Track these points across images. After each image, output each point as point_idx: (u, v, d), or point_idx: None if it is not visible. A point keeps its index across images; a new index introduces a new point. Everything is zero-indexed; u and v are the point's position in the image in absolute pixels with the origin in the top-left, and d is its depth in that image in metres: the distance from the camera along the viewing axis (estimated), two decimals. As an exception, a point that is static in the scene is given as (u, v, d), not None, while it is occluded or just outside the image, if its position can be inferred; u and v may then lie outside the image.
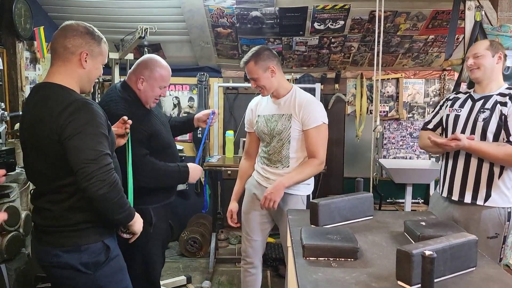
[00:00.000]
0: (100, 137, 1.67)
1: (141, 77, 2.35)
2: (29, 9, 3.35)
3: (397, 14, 3.84)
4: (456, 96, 2.55)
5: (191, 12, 3.82)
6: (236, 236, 4.55)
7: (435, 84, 4.66)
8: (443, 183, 2.48)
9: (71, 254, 1.74)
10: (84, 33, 1.76)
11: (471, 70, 2.38)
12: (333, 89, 4.64)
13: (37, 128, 1.69)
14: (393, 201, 4.71)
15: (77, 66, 1.76)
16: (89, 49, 1.77)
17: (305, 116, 2.52)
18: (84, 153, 1.62)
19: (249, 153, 2.83)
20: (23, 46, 3.36)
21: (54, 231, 1.74)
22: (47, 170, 1.72)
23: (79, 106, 1.66)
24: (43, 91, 1.75)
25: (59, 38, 1.75)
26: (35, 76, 3.55)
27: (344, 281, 1.41)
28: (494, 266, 1.57)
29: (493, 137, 2.29)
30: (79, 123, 1.63)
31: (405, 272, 1.35)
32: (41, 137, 1.68)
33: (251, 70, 2.52)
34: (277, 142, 2.58)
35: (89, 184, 1.61)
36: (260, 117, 2.67)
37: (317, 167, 2.54)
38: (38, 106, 1.71)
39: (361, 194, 2.06)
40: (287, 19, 3.84)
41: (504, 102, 2.29)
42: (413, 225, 1.78)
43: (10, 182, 2.83)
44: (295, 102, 2.56)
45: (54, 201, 1.73)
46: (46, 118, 1.66)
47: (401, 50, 4.36)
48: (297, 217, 2.06)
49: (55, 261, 1.74)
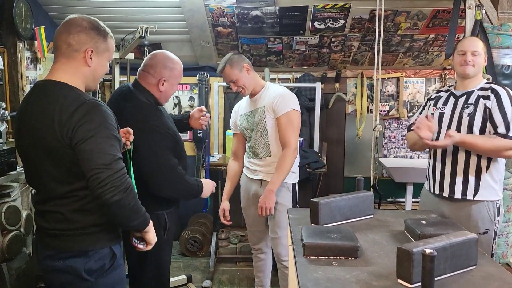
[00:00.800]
0: (113, 140, 1.58)
1: (162, 78, 2.26)
2: (29, 8, 3.35)
3: (398, 13, 3.84)
4: (437, 95, 2.59)
5: (191, 11, 3.82)
6: (237, 236, 4.56)
7: (436, 83, 4.65)
8: (433, 180, 2.51)
9: (78, 258, 1.65)
10: (88, 28, 1.66)
11: (466, 65, 2.38)
12: (334, 88, 4.64)
13: (45, 130, 1.58)
14: (394, 200, 4.71)
15: (82, 64, 1.65)
16: (94, 46, 1.66)
17: (275, 104, 2.69)
18: (97, 157, 1.53)
19: (236, 154, 3.03)
20: (24, 46, 3.36)
21: (61, 234, 1.65)
22: (56, 174, 1.61)
23: (90, 107, 1.56)
24: (48, 90, 1.63)
25: (62, 34, 1.65)
26: (36, 76, 3.55)
27: (344, 280, 1.41)
28: (494, 265, 1.57)
29: (479, 131, 2.32)
30: (92, 126, 1.54)
31: (405, 271, 1.36)
32: (50, 140, 1.57)
33: (229, 74, 2.70)
34: (256, 133, 2.79)
35: (104, 190, 1.52)
36: (242, 116, 2.90)
37: (292, 155, 2.68)
38: (44, 106, 1.60)
39: (362, 193, 2.07)
40: (287, 18, 3.84)
41: (486, 96, 2.34)
42: (413, 224, 1.78)
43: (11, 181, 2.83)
44: (267, 94, 2.76)
45: (61, 204, 1.63)
46: (56, 120, 1.55)
47: (402, 49, 4.36)
48: (297, 216, 2.06)
49: (60, 265, 1.65)
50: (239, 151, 3.01)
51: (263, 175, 2.80)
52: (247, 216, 3.00)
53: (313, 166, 3.74)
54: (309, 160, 3.73)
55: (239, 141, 3.00)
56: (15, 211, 2.76)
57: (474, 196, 2.35)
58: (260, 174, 2.82)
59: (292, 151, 2.67)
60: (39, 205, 1.71)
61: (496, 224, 2.35)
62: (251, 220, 2.97)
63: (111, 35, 1.75)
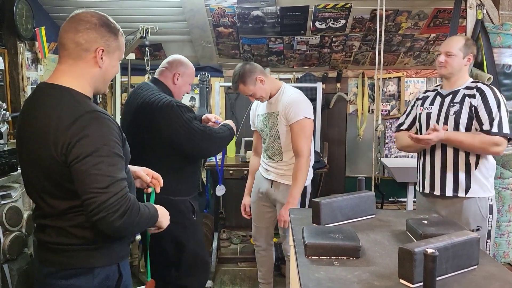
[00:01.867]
0: (113, 159, 1.38)
1: (177, 72, 2.48)
2: (30, 9, 3.35)
3: (399, 13, 3.84)
4: (425, 95, 2.62)
5: (192, 11, 3.81)
6: (239, 236, 4.55)
7: (437, 83, 4.64)
8: (422, 180, 2.52)
9: (81, 277, 1.47)
10: (98, 25, 1.47)
11: (439, 67, 2.46)
12: (335, 88, 4.64)
13: (39, 143, 1.40)
14: (395, 200, 4.71)
15: (92, 65, 1.47)
16: (105, 45, 1.48)
17: (288, 111, 2.67)
18: (93, 180, 1.33)
19: (256, 150, 3.08)
20: (25, 47, 3.36)
21: (62, 249, 1.46)
22: (53, 191, 1.44)
23: (89, 120, 1.37)
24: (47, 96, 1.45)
25: (69, 32, 1.46)
26: (37, 77, 3.55)
27: (346, 280, 1.41)
28: (496, 264, 1.57)
29: (465, 129, 2.35)
30: (89, 143, 1.35)
31: (407, 271, 1.35)
32: (43, 155, 1.40)
33: (244, 91, 2.72)
34: (269, 138, 2.82)
35: (100, 218, 1.34)
36: (258, 116, 2.91)
37: (305, 165, 2.65)
38: (42, 117, 1.42)
39: (363, 193, 2.06)
40: (288, 18, 3.83)
41: (472, 94, 2.37)
42: (415, 224, 1.78)
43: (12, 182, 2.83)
44: (281, 99, 2.73)
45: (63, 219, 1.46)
46: (50, 133, 1.37)
47: (403, 49, 4.35)
48: (299, 216, 2.06)
49: (61, 284, 1.47)
50: (258, 147, 3.04)
51: (274, 176, 2.84)
52: (253, 210, 3.05)
53: (314, 166, 3.70)
54: (310, 160, 3.73)
55: (258, 138, 3.02)
56: (16, 212, 2.76)
57: (466, 193, 2.37)
58: (272, 174, 2.85)
59: (305, 161, 2.64)
60: (39, 219, 1.53)
61: (489, 222, 2.37)
62: (256, 215, 3.03)
63: (122, 32, 1.58)
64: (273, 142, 2.80)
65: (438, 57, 2.47)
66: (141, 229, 1.57)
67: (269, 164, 2.87)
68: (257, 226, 3.07)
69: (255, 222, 3.07)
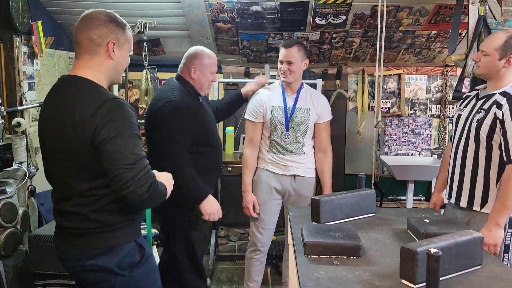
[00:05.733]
0: (136, 139, 1.58)
1: (193, 66, 2.53)
2: (26, 3, 3.30)
3: (400, 9, 3.80)
4: (468, 94, 2.44)
5: (190, 6, 3.78)
6: (236, 233, 4.53)
7: (437, 80, 4.61)
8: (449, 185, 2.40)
9: (106, 256, 1.64)
10: (107, 21, 1.65)
11: (476, 64, 2.28)
12: (335, 85, 4.61)
13: (66, 128, 1.57)
14: (395, 198, 4.68)
15: (105, 58, 1.66)
16: (115, 38, 1.66)
17: (321, 110, 2.85)
18: (122, 157, 1.52)
19: (254, 142, 2.89)
20: (21, 41, 3.31)
21: (85, 233, 1.64)
22: (76, 171, 1.60)
23: (112, 106, 1.56)
24: (71, 86, 1.63)
25: (83, 30, 1.64)
26: (33, 71, 3.51)
27: (346, 280, 1.39)
28: (500, 265, 1.54)
29: (486, 137, 2.15)
30: (115, 125, 1.53)
31: (409, 271, 1.33)
32: (71, 138, 1.57)
33: (293, 54, 2.72)
34: (296, 132, 2.79)
35: (129, 192, 1.52)
36: (274, 108, 2.81)
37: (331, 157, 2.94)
38: (67, 103, 1.59)
39: (363, 191, 2.04)
40: (288, 13, 3.80)
41: (501, 103, 2.11)
42: (416, 222, 1.75)
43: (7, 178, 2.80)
44: (311, 96, 2.86)
45: (82, 204, 1.63)
46: (77, 118, 1.54)
47: (403, 46, 4.31)
48: (298, 214, 2.04)
49: (89, 264, 1.64)
50: (257, 139, 2.87)
51: (298, 170, 2.82)
52: (264, 212, 2.85)
53: (313, 164, 3.70)
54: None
55: (258, 130, 2.86)
56: (11, 208, 2.73)
57: (481, 208, 2.21)
58: (294, 169, 2.81)
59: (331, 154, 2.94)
60: (59, 204, 1.70)
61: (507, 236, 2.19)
62: (268, 216, 2.86)
63: (128, 26, 1.75)
64: (299, 137, 2.80)
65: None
66: (162, 199, 1.70)
67: (289, 158, 2.80)
68: (267, 228, 2.88)
69: (266, 225, 2.87)
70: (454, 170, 2.35)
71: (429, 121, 4.67)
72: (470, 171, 2.25)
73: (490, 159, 2.18)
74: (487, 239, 2.02)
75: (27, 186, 3.12)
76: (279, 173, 2.82)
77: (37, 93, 3.56)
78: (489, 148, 2.18)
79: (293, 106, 2.80)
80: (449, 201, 2.38)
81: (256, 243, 2.91)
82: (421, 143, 4.69)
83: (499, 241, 2.09)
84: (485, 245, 1.91)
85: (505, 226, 2.16)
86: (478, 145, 2.21)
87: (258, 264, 2.96)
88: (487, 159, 2.19)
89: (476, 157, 2.22)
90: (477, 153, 2.22)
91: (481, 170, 2.21)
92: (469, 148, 2.25)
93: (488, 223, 2.10)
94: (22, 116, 3.26)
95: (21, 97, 3.27)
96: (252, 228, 2.93)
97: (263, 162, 2.87)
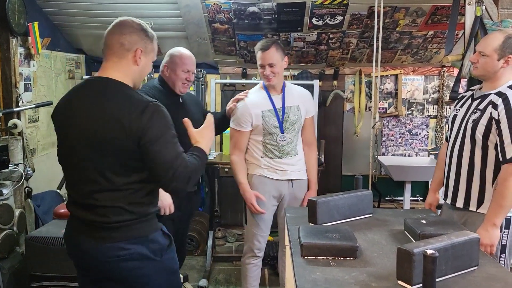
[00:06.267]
0: (175, 139, 1.73)
1: (165, 65, 2.69)
2: (23, 4, 3.29)
3: (396, 10, 3.81)
4: (464, 94, 2.44)
5: (187, 7, 3.77)
6: (234, 234, 4.52)
7: (434, 80, 4.62)
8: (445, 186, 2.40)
9: (140, 244, 1.76)
10: (139, 29, 1.78)
11: (473, 65, 2.27)
12: (332, 85, 4.61)
13: (110, 127, 1.67)
14: (392, 199, 4.69)
15: (132, 63, 1.76)
16: (143, 46, 1.77)
17: (308, 105, 2.84)
18: (168, 156, 1.68)
19: (241, 148, 2.79)
20: (17, 42, 3.30)
21: (121, 225, 1.73)
22: (116, 167, 1.70)
23: (155, 109, 1.70)
24: (107, 87, 1.73)
25: (115, 34, 1.75)
26: (30, 73, 3.50)
27: (343, 281, 1.38)
28: (496, 265, 1.54)
29: (482, 137, 2.15)
30: (160, 127, 1.69)
31: (405, 272, 1.32)
32: (114, 136, 1.67)
33: (272, 56, 2.64)
34: (291, 132, 2.75)
35: (172, 187, 1.72)
36: (264, 112, 2.71)
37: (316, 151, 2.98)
38: (106, 103, 1.69)
39: (361, 192, 2.03)
40: (285, 14, 3.79)
41: (496, 103, 2.10)
42: (413, 223, 1.75)
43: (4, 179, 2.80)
44: (296, 93, 2.81)
45: (119, 197, 1.72)
46: (122, 119, 1.66)
47: (400, 46, 4.32)
48: (295, 215, 2.03)
49: (125, 254, 1.73)
50: (243, 145, 2.78)
51: (295, 174, 2.78)
52: (262, 220, 2.79)
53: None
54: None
55: (245, 137, 2.76)
56: (7, 210, 2.73)
57: (477, 208, 2.20)
58: (291, 174, 2.76)
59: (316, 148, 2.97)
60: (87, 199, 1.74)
61: (506, 236, 2.19)
62: (266, 224, 2.81)
63: (156, 37, 1.87)
64: (294, 137, 2.76)
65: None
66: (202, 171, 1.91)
67: (286, 162, 2.74)
68: (264, 235, 2.85)
69: (263, 231, 2.83)
70: (450, 170, 2.34)
71: (426, 121, 4.67)
72: (466, 171, 2.24)
73: (486, 159, 2.18)
74: (484, 239, 2.02)
75: (24, 188, 3.11)
76: (276, 179, 2.75)
77: (34, 94, 3.55)
78: (485, 148, 2.17)
79: (283, 106, 2.73)
80: (445, 201, 2.38)
81: (254, 250, 2.86)
82: (418, 144, 4.69)
83: (495, 241, 2.10)
84: (481, 245, 1.90)
85: (502, 227, 2.16)
86: (474, 146, 2.21)
87: (256, 269, 2.92)
88: (483, 159, 2.19)
89: (472, 157, 2.22)
90: (473, 154, 2.22)
91: (477, 171, 2.21)
92: (465, 148, 2.25)
93: (485, 223, 2.10)
94: (18, 117, 3.25)
95: (18, 98, 3.26)
96: (249, 235, 2.86)
97: (258, 168, 2.76)
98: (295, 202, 2.83)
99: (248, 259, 2.90)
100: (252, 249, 2.86)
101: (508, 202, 2.06)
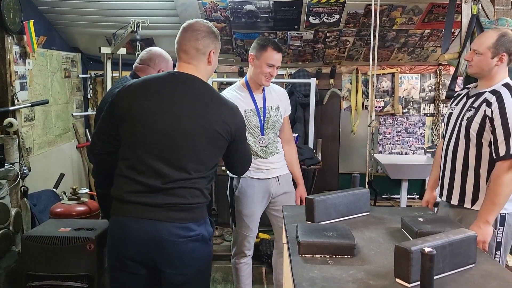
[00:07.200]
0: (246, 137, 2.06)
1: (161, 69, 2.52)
2: (18, 2, 3.27)
3: (393, 8, 3.81)
4: (459, 92, 2.45)
5: (184, 6, 3.76)
6: (231, 233, 4.51)
7: (431, 79, 4.63)
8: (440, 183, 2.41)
9: (202, 226, 1.87)
10: (209, 33, 1.88)
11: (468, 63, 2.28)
12: (328, 84, 4.61)
13: (212, 120, 1.80)
14: (389, 197, 4.70)
15: (206, 64, 1.89)
16: (214, 47, 1.90)
17: (285, 104, 2.85)
18: (246, 153, 2.06)
19: None
20: (13, 40, 3.28)
21: (194, 207, 1.83)
22: (209, 156, 1.85)
23: (239, 111, 1.93)
24: (192, 81, 1.84)
25: (191, 40, 1.86)
26: (25, 71, 3.48)
27: (341, 279, 1.38)
28: (493, 263, 1.54)
29: (476, 135, 2.16)
30: (243, 129, 1.96)
31: (403, 270, 1.32)
32: (212, 131, 1.80)
33: (280, 59, 2.68)
34: (272, 131, 2.76)
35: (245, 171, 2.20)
36: (247, 112, 2.68)
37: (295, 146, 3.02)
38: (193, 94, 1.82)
39: (358, 190, 2.03)
40: (281, 13, 3.79)
41: (490, 101, 2.12)
42: (410, 221, 1.75)
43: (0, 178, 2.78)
44: (275, 92, 2.82)
45: (201, 182, 1.84)
46: (218, 117, 1.81)
47: (397, 45, 4.33)
48: (292, 214, 2.03)
49: (192, 234, 1.82)
50: None
51: (279, 170, 2.80)
52: (252, 221, 2.78)
53: (308, 163, 3.70)
54: (304, 156, 3.69)
55: None
56: (3, 209, 2.71)
57: (472, 205, 2.21)
58: (276, 171, 2.78)
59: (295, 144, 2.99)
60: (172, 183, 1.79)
61: (501, 234, 2.18)
62: (255, 225, 2.81)
63: (218, 33, 1.97)
64: (274, 136, 2.77)
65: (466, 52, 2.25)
66: None
67: (271, 160, 2.75)
68: (253, 236, 2.84)
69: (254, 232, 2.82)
70: (445, 168, 2.35)
71: (422, 119, 4.68)
72: (460, 169, 2.26)
73: (480, 157, 2.19)
74: None
75: (20, 187, 3.09)
76: (263, 178, 2.75)
77: (29, 93, 3.53)
78: (479, 146, 2.19)
79: (264, 106, 2.73)
80: (441, 199, 2.39)
81: (245, 250, 2.86)
82: (414, 142, 4.70)
83: (488, 238, 2.11)
84: None
85: (497, 224, 2.17)
86: (468, 143, 2.22)
87: (247, 267, 2.92)
88: (477, 157, 2.20)
89: (467, 155, 2.23)
90: (467, 151, 2.23)
91: (472, 168, 2.22)
92: (459, 146, 2.26)
93: (478, 220, 2.11)
94: (14, 116, 3.23)
95: (13, 97, 3.24)
96: (238, 238, 2.85)
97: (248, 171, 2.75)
98: (285, 196, 2.83)
99: (239, 259, 2.90)
100: (243, 251, 2.86)
101: (501, 200, 2.08)
